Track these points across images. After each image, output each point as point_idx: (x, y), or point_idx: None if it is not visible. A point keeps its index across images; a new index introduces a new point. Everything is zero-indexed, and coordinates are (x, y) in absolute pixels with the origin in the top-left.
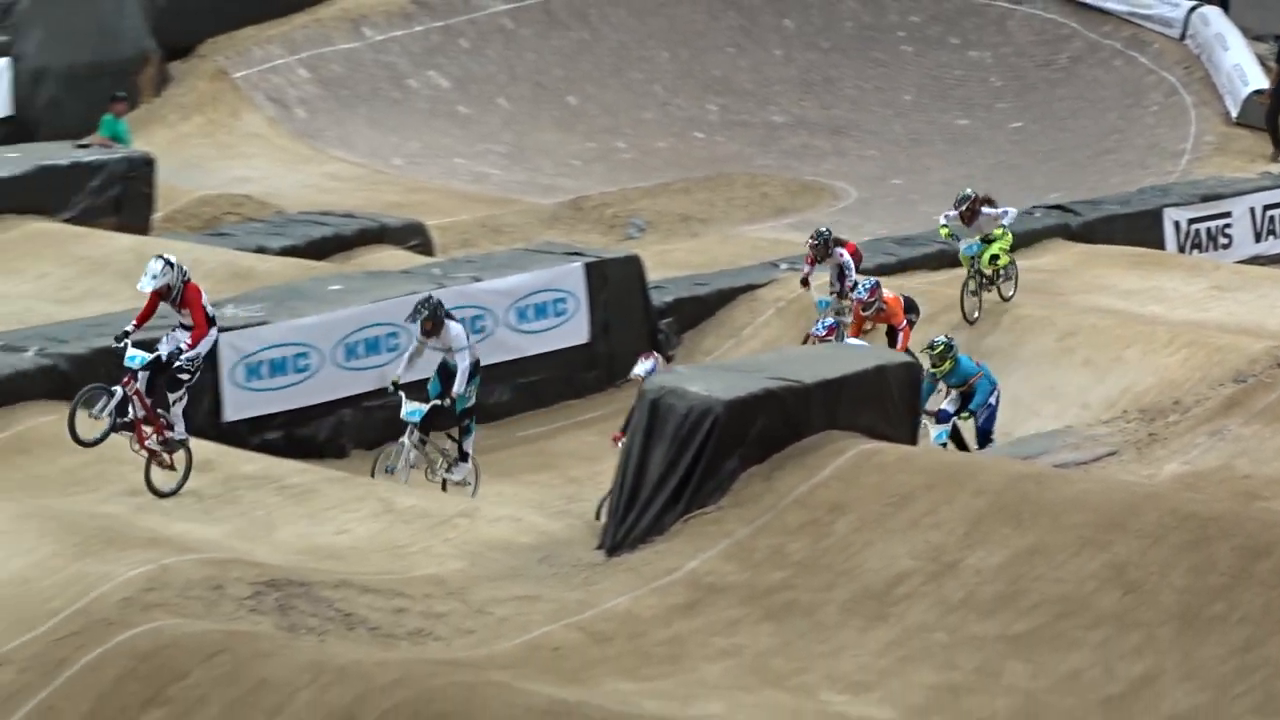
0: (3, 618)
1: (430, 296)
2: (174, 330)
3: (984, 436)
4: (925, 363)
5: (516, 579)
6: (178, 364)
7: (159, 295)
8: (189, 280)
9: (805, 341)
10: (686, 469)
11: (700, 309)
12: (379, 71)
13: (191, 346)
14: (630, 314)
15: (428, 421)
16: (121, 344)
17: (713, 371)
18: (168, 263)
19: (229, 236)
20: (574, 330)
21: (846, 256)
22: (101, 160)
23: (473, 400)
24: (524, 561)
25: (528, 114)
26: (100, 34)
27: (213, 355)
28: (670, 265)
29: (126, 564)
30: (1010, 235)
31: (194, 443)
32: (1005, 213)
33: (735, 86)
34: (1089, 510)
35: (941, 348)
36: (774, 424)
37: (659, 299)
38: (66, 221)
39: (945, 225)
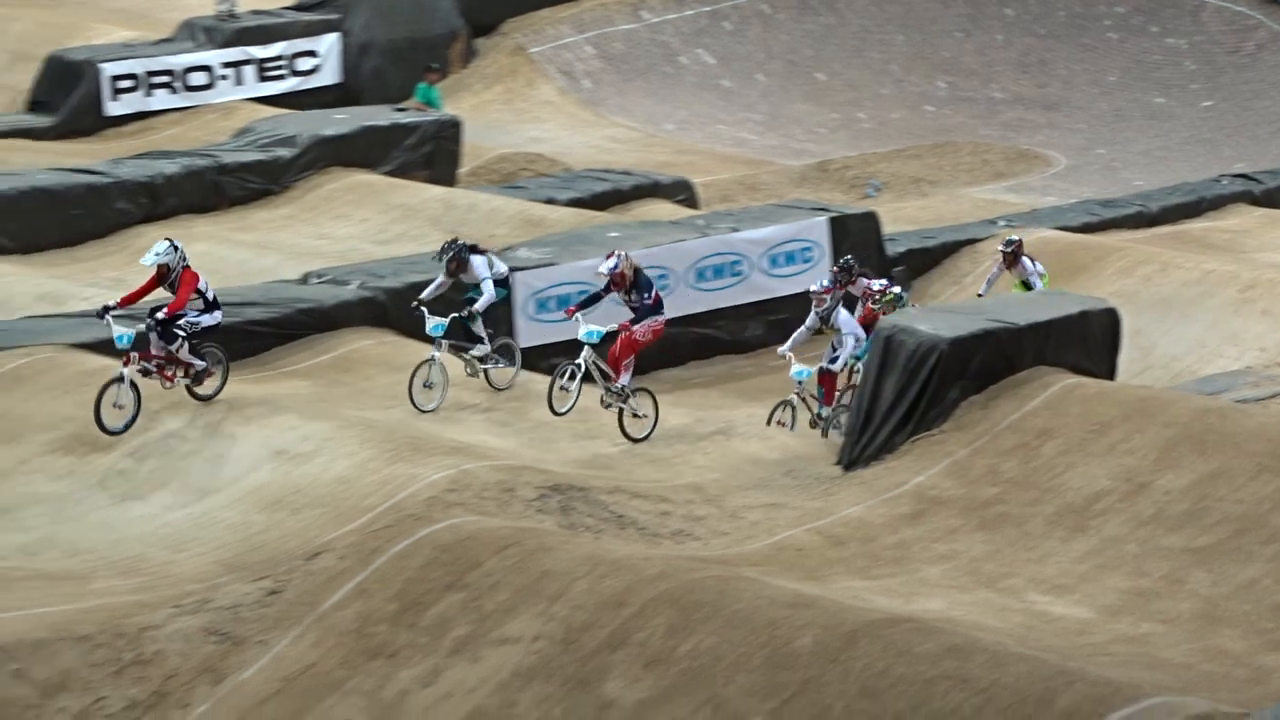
0: (327, 512)
1: (455, 240)
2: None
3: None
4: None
5: (765, 489)
6: (170, 323)
7: (159, 273)
8: (187, 265)
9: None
10: (914, 397)
11: (928, 259)
12: (655, 49)
13: (168, 314)
14: (867, 262)
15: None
16: (104, 319)
17: (938, 313)
18: (172, 245)
19: (523, 189)
20: (818, 275)
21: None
22: (416, 122)
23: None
24: (771, 474)
25: (781, 88)
26: (417, 13)
27: (508, 290)
28: (902, 220)
29: (432, 468)
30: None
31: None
32: (1039, 275)
33: (961, 66)
34: (1266, 440)
35: (891, 297)
36: (990, 359)
37: (892, 249)
38: (385, 174)
39: (982, 295)
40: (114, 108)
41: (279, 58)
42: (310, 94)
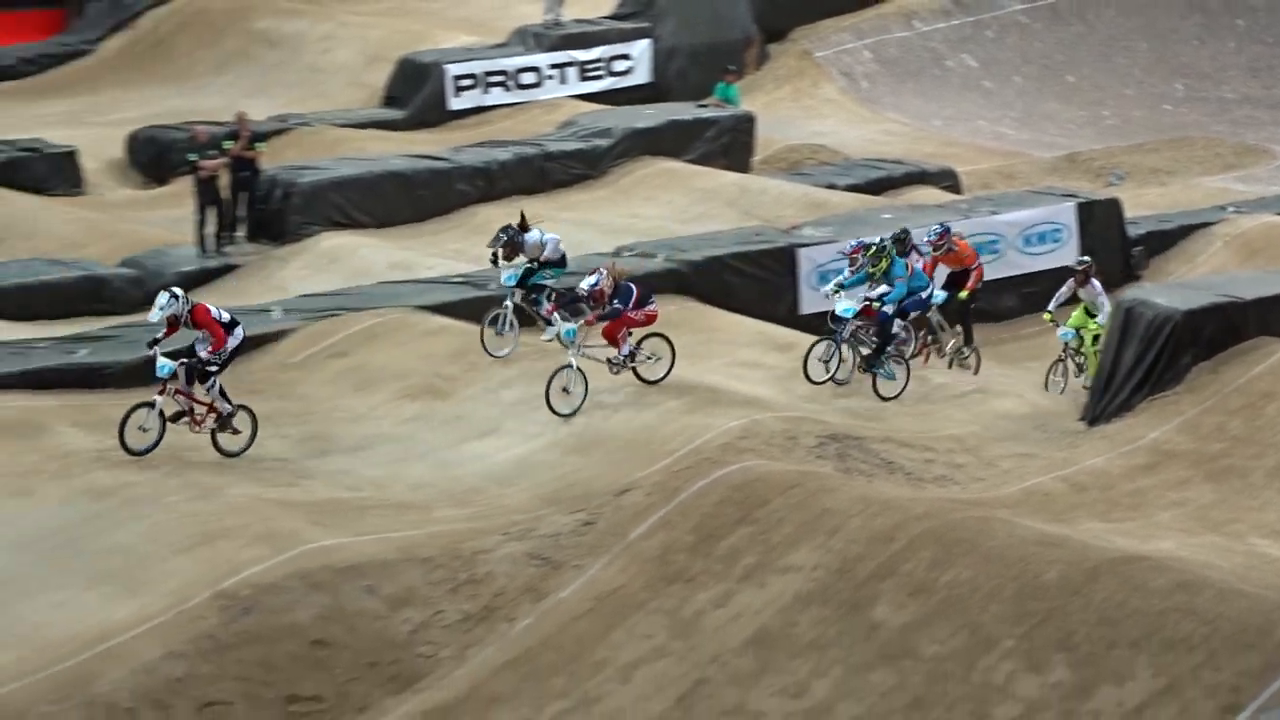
0: (636, 455)
1: (508, 226)
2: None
3: (883, 323)
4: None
5: (1017, 440)
6: (200, 363)
7: (170, 323)
8: (194, 305)
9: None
10: (1151, 362)
11: (1164, 240)
12: (924, 54)
13: (213, 352)
14: (1110, 243)
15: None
16: (152, 352)
17: (1174, 288)
18: (172, 295)
19: (808, 176)
20: (1066, 253)
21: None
22: (715, 117)
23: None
24: (1023, 428)
25: (1035, 88)
26: (717, 22)
27: (792, 263)
28: (1142, 206)
29: (726, 418)
30: (1103, 327)
31: (773, 329)
32: (1104, 299)
33: (1197, 70)
34: None
35: (876, 249)
36: (1220, 329)
37: (1133, 231)
38: (688, 162)
39: (1049, 313)
40: (456, 103)
41: (598, 60)
42: (624, 92)
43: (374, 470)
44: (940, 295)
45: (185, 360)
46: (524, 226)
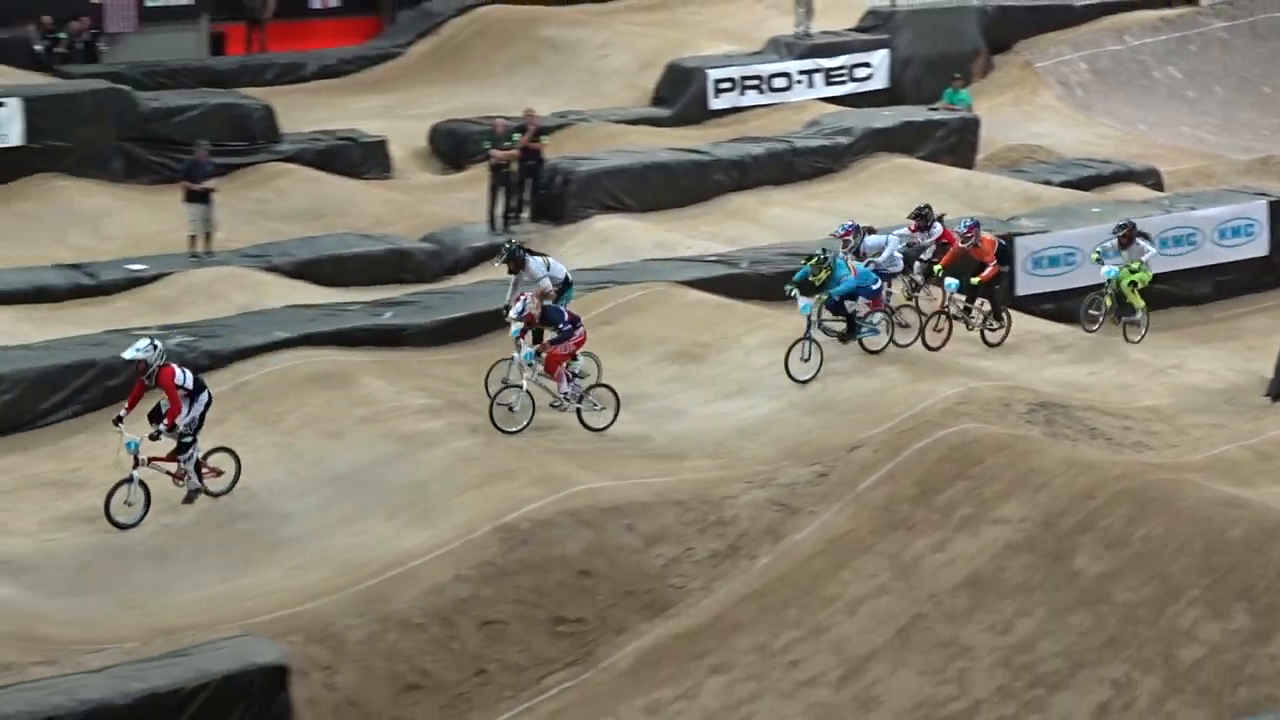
0: (866, 416)
1: (509, 242)
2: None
3: (834, 306)
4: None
5: (1207, 412)
6: (164, 432)
7: (139, 369)
8: (165, 365)
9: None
10: None
11: None
12: (1134, 66)
13: (169, 421)
14: None
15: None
16: (118, 427)
17: None
18: (152, 343)
19: (1026, 173)
20: (1257, 246)
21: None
22: (944, 119)
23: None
24: (1213, 400)
25: (1234, 98)
26: (949, 35)
27: (1009, 248)
28: None
29: (946, 385)
30: (1150, 274)
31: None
32: (1151, 251)
33: None
34: None
35: (817, 259)
36: None
37: None
38: (919, 158)
39: (1097, 251)
40: (716, 104)
41: (842, 68)
42: (864, 96)
43: (634, 426)
44: (952, 283)
45: (152, 434)
46: (532, 250)
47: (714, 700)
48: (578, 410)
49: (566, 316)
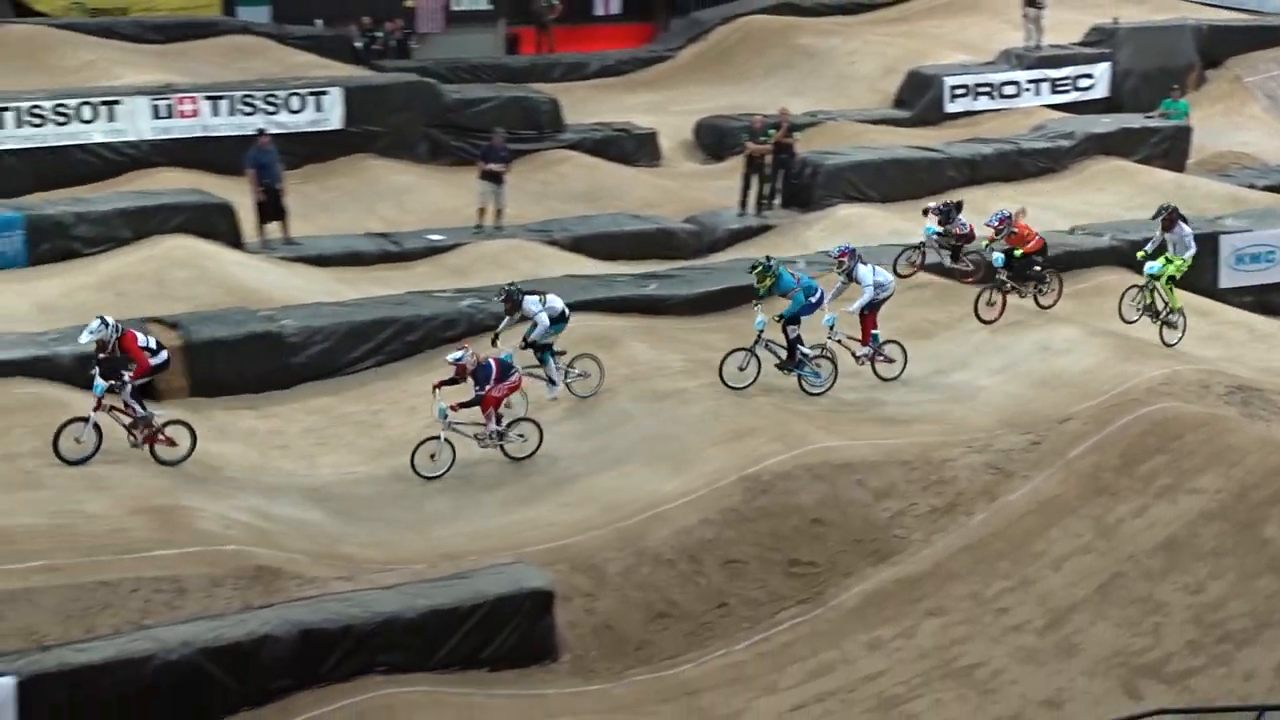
0: (1077, 391)
1: (509, 284)
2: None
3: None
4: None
5: None
6: (123, 385)
7: (99, 346)
8: (124, 332)
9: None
10: None
11: None
12: None
13: (135, 376)
14: None
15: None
16: (92, 373)
17: None
18: (103, 322)
19: (1231, 177)
20: None
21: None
22: (1159, 126)
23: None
24: None
25: None
26: (1166, 50)
27: (1214, 244)
28: None
29: (1152, 367)
30: (1187, 264)
31: (1195, 299)
32: (1190, 238)
33: None
34: None
35: (760, 268)
36: None
37: None
38: (1135, 161)
39: (1144, 250)
40: (951, 108)
41: (1066, 78)
42: (1085, 104)
43: (869, 391)
44: (999, 258)
45: (113, 382)
46: (528, 291)
47: (929, 640)
48: (500, 446)
49: (493, 376)
